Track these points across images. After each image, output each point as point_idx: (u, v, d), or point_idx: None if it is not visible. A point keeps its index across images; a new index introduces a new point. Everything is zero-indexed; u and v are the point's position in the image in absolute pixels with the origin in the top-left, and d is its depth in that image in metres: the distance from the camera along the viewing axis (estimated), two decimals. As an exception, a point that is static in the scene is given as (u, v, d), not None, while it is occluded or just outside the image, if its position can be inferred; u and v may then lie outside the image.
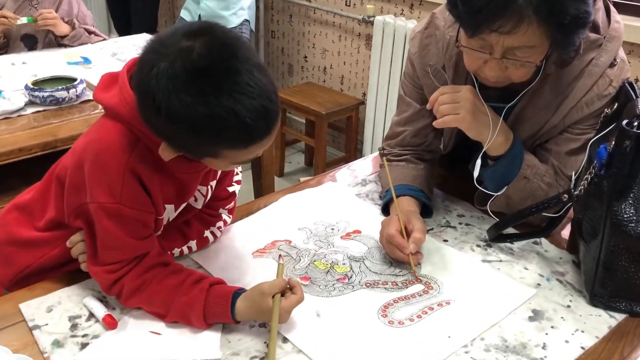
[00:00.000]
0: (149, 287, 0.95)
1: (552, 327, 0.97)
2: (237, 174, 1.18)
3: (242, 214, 1.26)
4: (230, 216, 1.18)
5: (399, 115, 1.33)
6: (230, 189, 1.16)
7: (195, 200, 1.09)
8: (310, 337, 0.93)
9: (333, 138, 3.38)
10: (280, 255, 1.05)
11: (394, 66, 2.85)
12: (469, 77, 1.16)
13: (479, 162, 1.15)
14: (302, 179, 2.00)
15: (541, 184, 1.15)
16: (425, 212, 1.25)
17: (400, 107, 1.34)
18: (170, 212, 1.03)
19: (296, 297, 0.93)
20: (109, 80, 0.95)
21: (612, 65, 1.11)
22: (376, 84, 2.95)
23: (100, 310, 0.96)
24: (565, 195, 1.03)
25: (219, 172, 1.10)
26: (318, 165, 3.03)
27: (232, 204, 1.18)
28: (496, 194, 1.18)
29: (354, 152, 3.13)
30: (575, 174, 1.11)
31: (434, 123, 1.14)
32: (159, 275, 0.96)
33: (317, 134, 2.97)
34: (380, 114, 3.00)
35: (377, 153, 1.61)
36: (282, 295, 0.93)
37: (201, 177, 1.04)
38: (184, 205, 1.06)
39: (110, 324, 0.93)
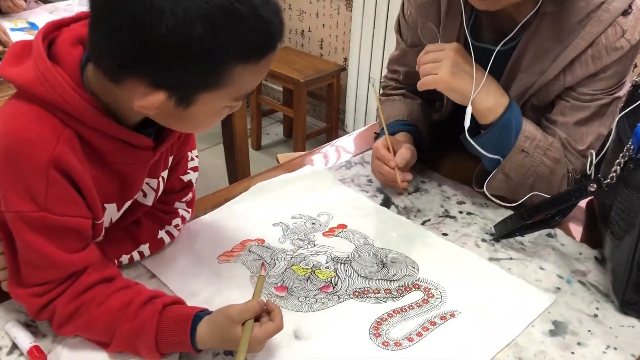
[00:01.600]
0: (87, 311, 0.76)
1: (578, 343, 0.81)
2: (192, 159, 0.98)
3: (205, 208, 1.06)
4: (189, 211, 0.99)
5: (394, 52, 1.27)
6: (186, 178, 0.96)
7: (145, 195, 0.89)
8: (287, 366, 0.76)
9: (313, 107, 3.17)
10: (262, 265, 0.86)
11: (377, 29, 2.63)
12: (463, 15, 1.03)
13: (467, 123, 0.99)
14: (279, 157, 1.81)
15: (544, 158, 0.99)
16: (420, 151, 1.16)
17: (396, 44, 1.26)
18: (112, 213, 0.84)
19: (273, 326, 0.75)
20: (21, 50, 0.74)
21: (625, 13, 0.94)
22: (358, 48, 2.74)
23: (25, 341, 0.77)
24: (592, 185, 0.86)
25: (170, 160, 0.91)
26: (298, 136, 2.83)
27: (190, 195, 0.99)
28: (491, 172, 1.03)
29: (335, 122, 2.93)
30: (596, 157, 0.94)
31: (417, 85, 1.03)
32: (100, 295, 0.77)
33: (296, 103, 2.76)
34: (363, 81, 2.79)
35: (362, 129, 1.43)
36: (257, 320, 0.75)
37: (148, 168, 0.84)
38: (128, 203, 0.86)
39: (36, 358, 0.75)
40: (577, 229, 1.06)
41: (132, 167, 0.81)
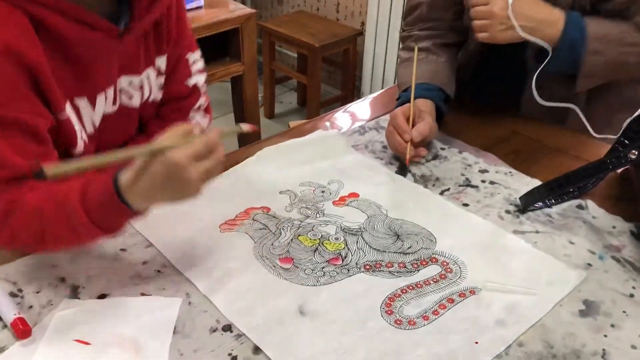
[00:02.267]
0: (20, 209, 0.69)
1: (612, 325, 0.74)
2: (196, 62, 0.92)
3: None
4: (207, 117, 0.94)
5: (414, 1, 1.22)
6: (191, 82, 0.90)
7: (130, 97, 0.84)
8: (290, 345, 0.70)
9: (328, 74, 3.06)
10: (252, 126, 0.74)
11: (397, -9, 2.51)
12: None
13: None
14: (291, 124, 1.73)
15: (622, 49, 0.98)
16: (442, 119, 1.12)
17: None
18: (88, 112, 0.77)
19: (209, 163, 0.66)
20: None
21: None
22: (376, 12, 2.62)
23: (9, 312, 0.71)
24: (633, 152, 0.77)
25: (163, 62, 0.85)
26: (312, 104, 2.74)
27: (203, 100, 0.93)
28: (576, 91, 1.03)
29: (351, 89, 2.84)
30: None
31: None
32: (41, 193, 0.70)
33: (310, 69, 2.66)
34: (381, 47, 2.68)
35: (377, 93, 1.34)
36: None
37: (117, 60, 0.79)
38: (102, 100, 0.79)
39: (20, 331, 0.69)
40: (609, 201, 0.97)
41: (95, 54, 0.74)
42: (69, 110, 0.77)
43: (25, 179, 0.70)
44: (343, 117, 1.21)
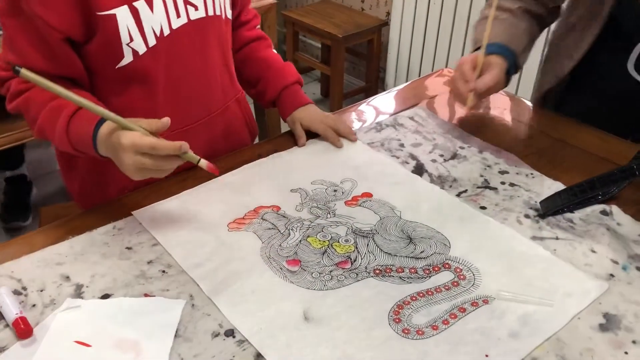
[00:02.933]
0: (29, 95, 0.85)
1: (633, 342, 0.70)
2: None
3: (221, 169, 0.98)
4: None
5: None
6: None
7: (196, 9, 0.89)
8: (292, 352, 0.68)
9: (352, 65, 3.02)
10: (214, 169, 0.82)
11: (423, -20, 2.45)
12: None
13: None
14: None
15: None
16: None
17: None
18: (147, 17, 0.83)
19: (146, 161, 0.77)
20: None
21: None
22: (402, 1, 2.57)
23: (11, 310, 0.71)
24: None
25: None
26: (335, 96, 2.71)
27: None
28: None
29: (375, 81, 2.79)
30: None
31: None
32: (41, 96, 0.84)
33: (333, 60, 2.62)
34: (406, 37, 2.63)
35: (401, 86, 1.30)
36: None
37: None
38: (161, 4, 0.85)
39: (22, 331, 0.69)
40: (635, 206, 0.92)
41: None
42: (121, 13, 0.81)
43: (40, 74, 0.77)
44: (364, 111, 1.18)
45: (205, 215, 0.87)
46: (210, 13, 0.93)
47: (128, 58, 0.85)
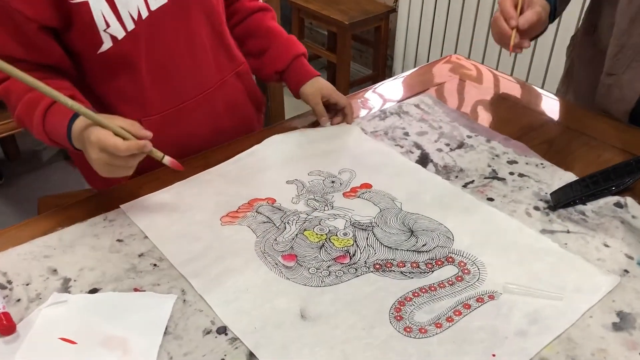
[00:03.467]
0: (7, 80, 0.83)
1: (648, 342, 0.66)
2: None
3: (218, 159, 0.94)
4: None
5: None
6: None
7: None
8: (288, 353, 0.64)
9: (359, 53, 2.97)
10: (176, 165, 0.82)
11: (431, -35, 2.39)
12: None
13: None
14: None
15: None
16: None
17: None
18: (98, 4, 0.79)
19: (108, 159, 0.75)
20: None
21: None
22: (409, -13, 2.51)
23: (-6, 306, 0.68)
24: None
25: None
26: (340, 84, 2.66)
27: None
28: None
29: (382, 69, 2.74)
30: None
31: None
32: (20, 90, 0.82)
33: (340, 47, 2.57)
34: (414, 24, 2.57)
35: (409, 72, 1.26)
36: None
37: None
38: None
39: (4, 327, 0.66)
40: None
41: None
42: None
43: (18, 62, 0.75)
44: (369, 98, 1.14)
45: (198, 209, 0.84)
46: None
47: (107, 44, 0.83)
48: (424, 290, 0.72)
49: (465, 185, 0.90)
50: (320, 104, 1.01)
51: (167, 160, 0.80)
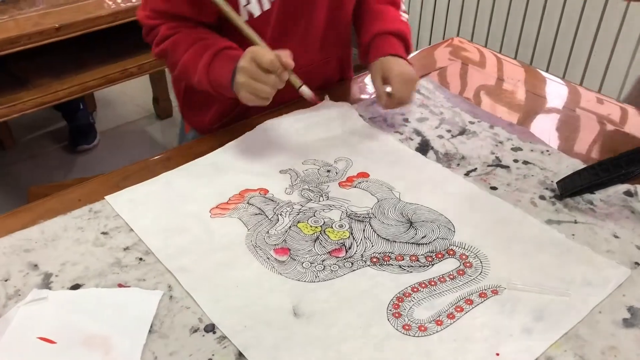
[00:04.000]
0: (176, 38, 0.90)
1: (661, 340, 0.62)
2: None
3: (202, 151, 0.90)
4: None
5: None
6: None
7: None
8: (279, 353, 0.61)
9: (359, 37, 2.91)
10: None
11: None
12: None
13: None
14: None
15: None
16: None
17: None
18: None
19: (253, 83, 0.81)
20: None
21: None
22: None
23: (-30, 304, 0.64)
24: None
25: None
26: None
27: None
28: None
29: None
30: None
31: None
32: (188, 38, 0.89)
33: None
34: (416, 6, 2.52)
35: (409, 56, 1.21)
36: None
37: None
38: None
39: (-20, 326, 0.62)
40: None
41: None
42: None
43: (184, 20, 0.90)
44: (367, 83, 1.10)
45: (187, 200, 0.80)
46: None
47: (244, 18, 0.90)
48: (423, 285, 0.68)
49: (467, 174, 0.86)
50: (377, 81, 0.94)
51: (305, 90, 0.86)
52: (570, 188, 0.79)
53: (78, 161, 2.20)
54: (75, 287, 0.68)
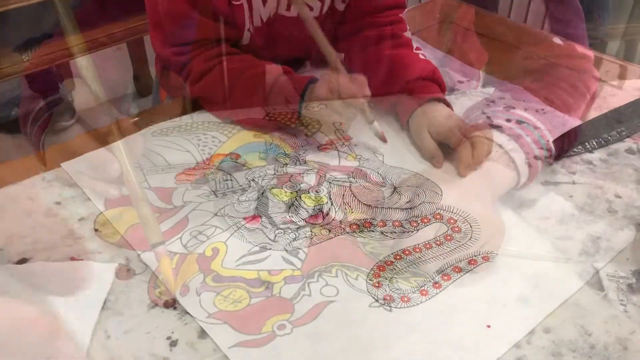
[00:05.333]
0: (215, 68, 0.81)
1: (670, 306, 0.56)
2: None
3: (175, 113, 0.83)
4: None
5: None
6: None
7: (311, 9, 0.83)
8: (247, 330, 0.54)
9: None
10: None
11: None
12: None
13: None
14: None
15: None
16: None
17: None
18: (257, 7, 0.81)
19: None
20: None
21: None
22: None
23: None
24: None
25: None
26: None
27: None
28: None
29: None
30: None
31: None
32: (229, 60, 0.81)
33: None
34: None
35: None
36: None
37: None
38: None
39: None
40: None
41: None
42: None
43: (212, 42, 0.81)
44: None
45: (150, 166, 0.73)
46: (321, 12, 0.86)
47: (246, 40, 0.85)
48: (407, 252, 0.62)
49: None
50: (426, 139, 0.75)
51: (376, 126, 0.76)
52: (567, 147, 0.73)
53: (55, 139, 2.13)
54: (22, 261, 0.62)
